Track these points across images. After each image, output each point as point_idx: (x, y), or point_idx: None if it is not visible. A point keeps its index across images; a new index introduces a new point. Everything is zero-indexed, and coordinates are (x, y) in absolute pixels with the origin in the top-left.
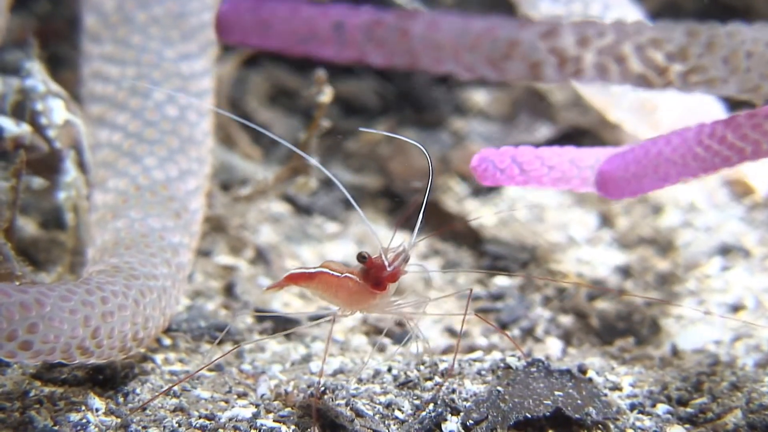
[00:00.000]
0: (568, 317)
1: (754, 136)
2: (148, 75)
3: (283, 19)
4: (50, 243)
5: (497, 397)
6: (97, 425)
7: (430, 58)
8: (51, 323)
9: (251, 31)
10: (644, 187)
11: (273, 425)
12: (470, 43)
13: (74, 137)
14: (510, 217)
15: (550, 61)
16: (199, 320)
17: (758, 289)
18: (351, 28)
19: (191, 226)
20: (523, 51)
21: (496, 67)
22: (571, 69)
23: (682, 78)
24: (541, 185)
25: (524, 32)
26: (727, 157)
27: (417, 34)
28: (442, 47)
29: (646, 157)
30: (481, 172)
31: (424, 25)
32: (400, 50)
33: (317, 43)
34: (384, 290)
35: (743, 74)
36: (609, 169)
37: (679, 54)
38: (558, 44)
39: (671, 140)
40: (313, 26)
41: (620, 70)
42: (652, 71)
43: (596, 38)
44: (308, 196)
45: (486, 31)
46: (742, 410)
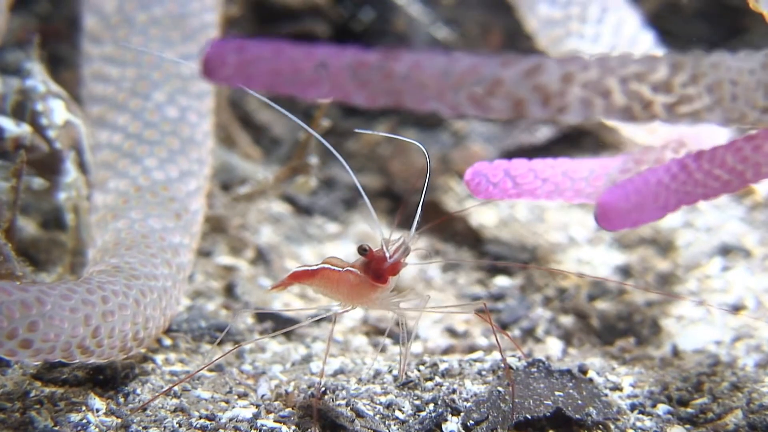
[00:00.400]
0: (569, 317)
1: (755, 158)
2: (148, 76)
3: (267, 61)
4: (50, 243)
5: (498, 397)
6: (98, 425)
7: (414, 97)
8: (51, 322)
9: (236, 73)
10: (645, 217)
11: (273, 425)
12: (454, 83)
13: (75, 138)
14: (510, 218)
15: (533, 98)
16: (200, 320)
17: (759, 290)
18: (335, 70)
19: (192, 226)
20: (506, 89)
21: (480, 106)
22: (555, 105)
23: (668, 110)
24: (534, 198)
25: (507, 70)
26: (728, 182)
27: (400, 75)
28: (426, 87)
29: (645, 186)
30: (474, 187)
31: (408, 65)
32: (384, 90)
33: (302, 84)
34: (385, 283)
35: (729, 103)
36: (609, 201)
37: (664, 87)
38: (541, 81)
39: (670, 168)
40: (297, 68)
41: (605, 104)
42: (637, 104)
43: (580, 73)
44: (308, 196)
45: (469, 71)
46: (742, 410)
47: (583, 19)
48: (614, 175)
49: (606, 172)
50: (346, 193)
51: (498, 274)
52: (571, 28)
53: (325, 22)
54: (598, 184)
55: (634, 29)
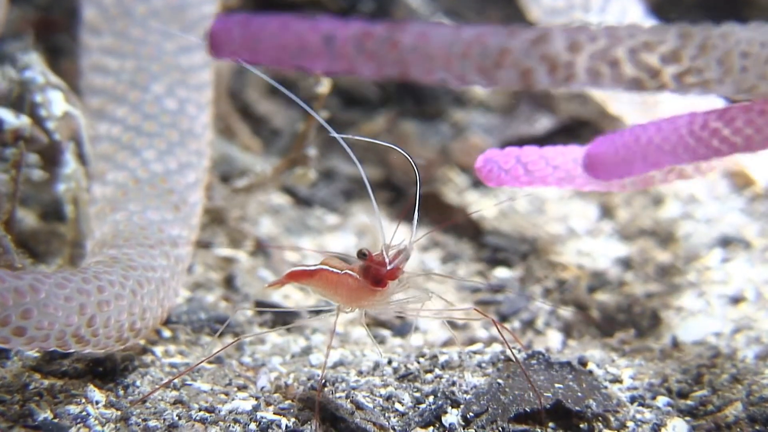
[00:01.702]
0: (569, 309)
1: (747, 131)
2: (147, 68)
3: (273, 35)
4: (50, 235)
5: (497, 389)
6: (97, 418)
7: (421, 68)
8: (45, 310)
9: (242, 47)
10: (632, 170)
11: (273, 418)
12: (460, 53)
13: (74, 129)
14: (510, 209)
15: (541, 67)
16: (199, 312)
17: (759, 281)
18: (341, 41)
19: (190, 218)
20: (513, 58)
21: (487, 76)
22: (562, 75)
23: (677, 80)
24: (545, 185)
25: (514, 40)
26: (717, 149)
27: (407, 45)
28: (433, 57)
29: (636, 143)
30: (486, 173)
31: (414, 36)
32: (391, 61)
33: (308, 56)
34: (384, 287)
35: (739, 75)
36: (598, 152)
37: (673, 56)
38: (549, 50)
39: (662, 128)
40: (304, 40)
41: (613, 74)
42: (646, 74)
43: (588, 43)
44: (308, 187)
45: (476, 40)
46: (742, 403)
47: (587, 8)
48: None
49: None
50: (345, 184)
51: (498, 266)
52: (574, 17)
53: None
54: None
55: (638, 19)
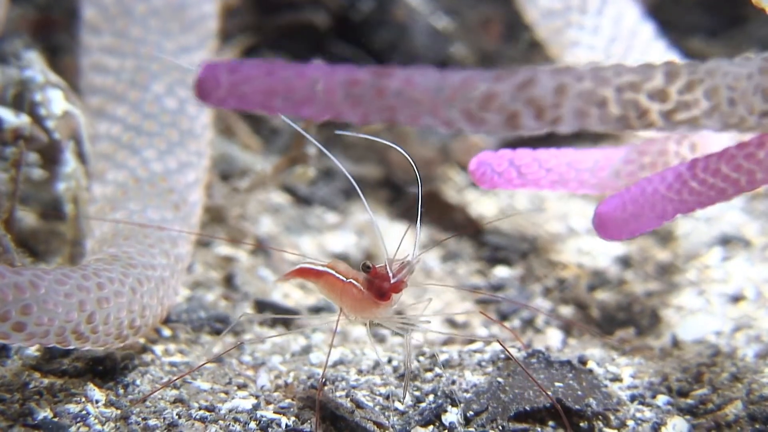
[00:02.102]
0: (569, 308)
1: (748, 166)
2: (147, 67)
3: (260, 81)
4: (50, 234)
5: (497, 388)
6: (97, 416)
7: (408, 114)
8: (45, 306)
9: (229, 95)
10: (642, 226)
11: (273, 416)
12: (447, 98)
13: (73, 128)
14: (510, 208)
15: (527, 111)
16: (199, 311)
17: (759, 280)
18: (328, 88)
19: (190, 218)
20: (500, 103)
21: (474, 121)
22: (549, 117)
23: (665, 117)
24: (539, 188)
25: (500, 84)
26: (723, 190)
27: (393, 91)
28: (419, 103)
29: (642, 195)
30: (479, 176)
31: (400, 82)
32: (377, 108)
33: (295, 103)
34: (387, 300)
35: (727, 109)
36: (607, 211)
37: (660, 95)
38: (534, 94)
39: (666, 177)
40: (290, 87)
41: (600, 114)
42: (633, 113)
43: (574, 84)
44: (308, 186)
45: (462, 85)
46: (742, 401)
47: (584, 11)
48: (618, 165)
49: (610, 162)
50: (345, 183)
51: (497, 264)
52: (571, 19)
53: (324, 11)
54: (602, 174)
55: (634, 21)
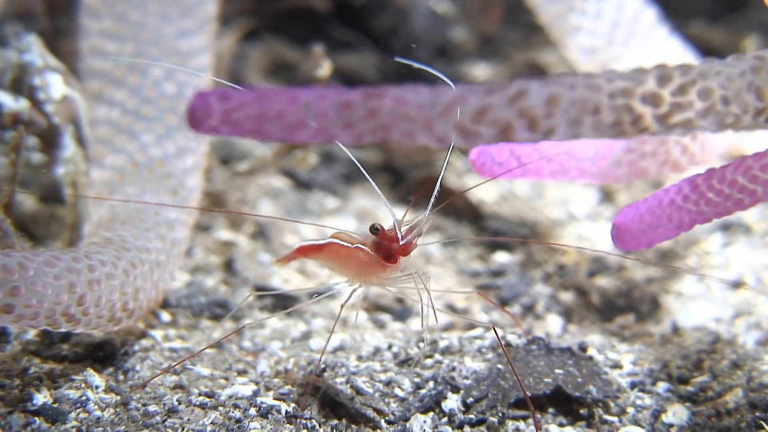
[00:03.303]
0: (569, 294)
1: (765, 176)
2: (146, 52)
3: (251, 109)
4: (49, 218)
5: (497, 374)
6: (97, 402)
7: (401, 132)
8: (34, 287)
9: (222, 123)
10: (660, 236)
11: (273, 403)
12: (440, 114)
13: (73, 112)
14: (510, 194)
15: (520, 123)
16: (199, 296)
17: (759, 266)
18: (320, 113)
19: (188, 202)
20: (492, 116)
21: (468, 135)
22: (543, 128)
23: (659, 121)
24: (539, 177)
25: (492, 97)
26: (740, 200)
27: (385, 111)
28: (412, 121)
29: (659, 207)
30: (479, 166)
31: (392, 101)
32: (371, 129)
33: (288, 129)
34: (395, 263)
35: (721, 109)
36: (624, 222)
37: (653, 99)
38: (526, 105)
39: (682, 188)
40: (282, 114)
41: (594, 122)
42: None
43: (566, 93)
44: (308, 170)
45: (454, 101)
46: (742, 389)
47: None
48: (619, 154)
49: (611, 151)
50: (345, 168)
51: (498, 250)
52: (573, 4)
53: None
54: (602, 163)
55: (636, 6)
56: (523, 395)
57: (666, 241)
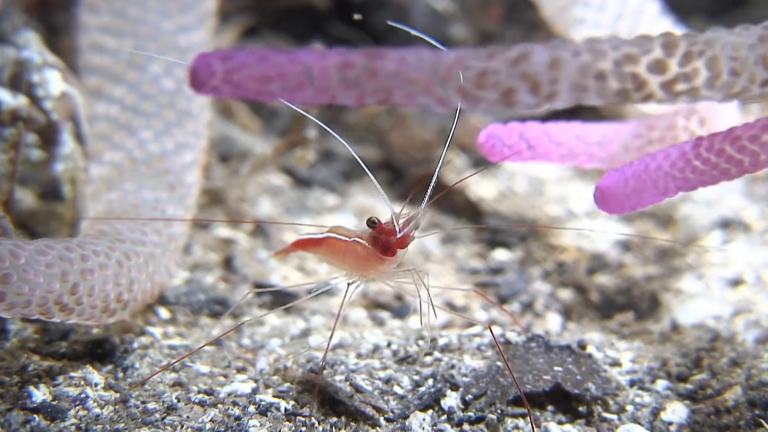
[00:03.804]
0: (568, 291)
1: (752, 147)
2: (145, 47)
3: (253, 68)
4: (49, 215)
5: (497, 372)
6: (96, 400)
7: (403, 94)
8: (25, 275)
9: (223, 83)
10: (644, 201)
11: (272, 400)
12: (441, 77)
13: (71, 109)
14: (509, 191)
15: (522, 87)
16: (198, 294)
17: (758, 264)
18: (320, 73)
19: (186, 198)
20: (494, 79)
21: (469, 98)
22: (545, 92)
23: (665, 89)
24: (548, 161)
25: (494, 61)
26: (726, 170)
27: (387, 73)
28: (414, 83)
29: (645, 171)
30: (488, 149)
31: (394, 63)
32: (371, 90)
33: (289, 89)
34: (393, 256)
35: (728, 79)
36: (608, 185)
37: (658, 66)
38: (529, 69)
39: (670, 154)
40: (284, 74)
41: (599, 88)
42: (632, 85)
43: (570, 58)
44: (307, 168)
45: (456, 63)
46: (741, 387)
47: None
48: (627, 139)
49: (619, 136)
50: (345, 165)
51: (497, 248)
52: None
53: None
54: (611, 148)
55: None
56: (521, 394)
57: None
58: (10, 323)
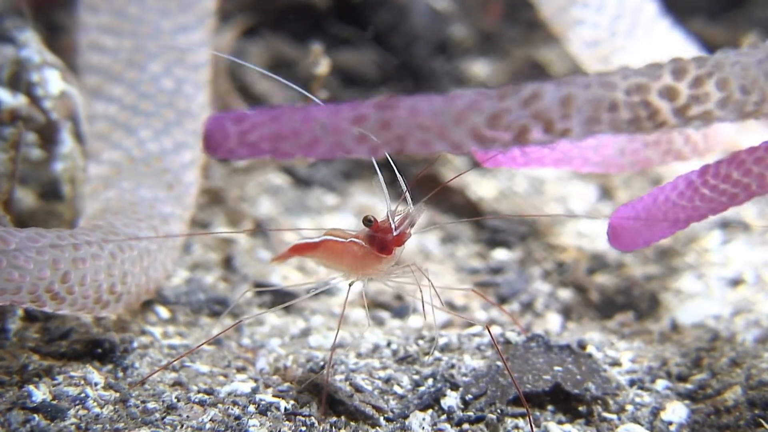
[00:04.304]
0: (568, 291)
1: (758, 170)
2: (144, 47)
3: (266, 129)
4: (48, 214)
5: (496, 372)
6: (96, 399)
7: (417, 142)
8: (15, 261)
9: (239, 145)
10: (656, 235)
11: (272, 400)
12: (454, 121)
13: (70, 108)
14: (509, 190)
15: (535, 125)
16: (198, 293)
17: (758, 263)
18: (334, 129)
19: (184, 197)
20: (507, 120)
21: (484, 140)
22: (559, 129)
23: (677, 115)
24: (543, 166)
25: (506, 102)
26: (734, 195)
27: (400, 122)
28: (427, 130)
29: (654, 204)
30: (482, 155)
31: (406, 112)
32: (386, 140)
33: (305, 146)
34: (390, 254)
35: (739, 98)
36: (620, 221)
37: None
38: (541, 107)
39: (677, 184)
40: (298, 132)
41: (610, 119)
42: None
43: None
44: (307, 167)
45: (468, 107)
46: (741, 387)
47: None
48: (622, 143)
49: (614, 141)
50: (345, 164)
51: (497, 247)
52: None
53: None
54: (606, 152)
55: None
56: (520, 393)
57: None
58: (11, 322)
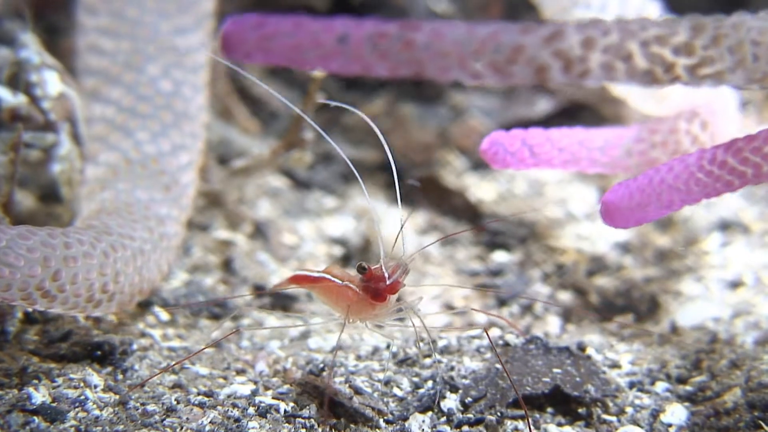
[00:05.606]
0: (567, 293)
1: (755, 159)
2: (143, 49)
3: (287, 35)
4: (47, 216)
5: (496, 374)
6: (96, 402)
7: (436, 67)
8: (5, 258)
9: (256, 48)
10: (649, 215)
11: (272, 402)
12: (474, 50)
13: (69, 109)
14: (509, 193)
15: (555, 64)
16: (198, 296)
17: (757, 265)
18: (355, 41)
19: (181, 199)
20: (528, 56)
21: (502, 73)
22: (577, 70)
23: (690, 72)
24: (551, 167)
25: (528, 37)
26: (729, 182)
27: (421, 44)
28: (447, 56)
29: (649, 185)
30: (491, 156)
31: (428, 35)
32: (405, 60)
33: (322, 57)
34: (384, 301)
35: (751, 64)
36: (614, 200)
37: (685, 48)
38: (562, 47)
39: (673, 167)
40: (318, 41)
41: (626, 68)
42: (659, 67)
43: (601, 38)
44: (306, 170)
45: (490, 38)
46: (741, 388)
47: None
48: (629, 144)
49: (621, 141)
50: (344, 167)
51: (496, 250)
52: None
53: None
54: (613, 153)
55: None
56: (519, 396)
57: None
58: (10, 324)
